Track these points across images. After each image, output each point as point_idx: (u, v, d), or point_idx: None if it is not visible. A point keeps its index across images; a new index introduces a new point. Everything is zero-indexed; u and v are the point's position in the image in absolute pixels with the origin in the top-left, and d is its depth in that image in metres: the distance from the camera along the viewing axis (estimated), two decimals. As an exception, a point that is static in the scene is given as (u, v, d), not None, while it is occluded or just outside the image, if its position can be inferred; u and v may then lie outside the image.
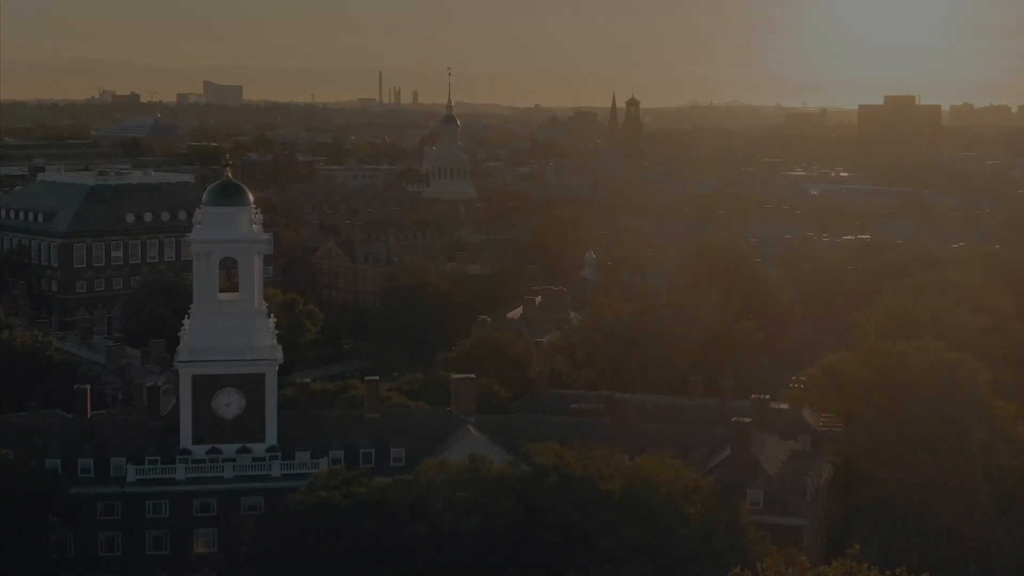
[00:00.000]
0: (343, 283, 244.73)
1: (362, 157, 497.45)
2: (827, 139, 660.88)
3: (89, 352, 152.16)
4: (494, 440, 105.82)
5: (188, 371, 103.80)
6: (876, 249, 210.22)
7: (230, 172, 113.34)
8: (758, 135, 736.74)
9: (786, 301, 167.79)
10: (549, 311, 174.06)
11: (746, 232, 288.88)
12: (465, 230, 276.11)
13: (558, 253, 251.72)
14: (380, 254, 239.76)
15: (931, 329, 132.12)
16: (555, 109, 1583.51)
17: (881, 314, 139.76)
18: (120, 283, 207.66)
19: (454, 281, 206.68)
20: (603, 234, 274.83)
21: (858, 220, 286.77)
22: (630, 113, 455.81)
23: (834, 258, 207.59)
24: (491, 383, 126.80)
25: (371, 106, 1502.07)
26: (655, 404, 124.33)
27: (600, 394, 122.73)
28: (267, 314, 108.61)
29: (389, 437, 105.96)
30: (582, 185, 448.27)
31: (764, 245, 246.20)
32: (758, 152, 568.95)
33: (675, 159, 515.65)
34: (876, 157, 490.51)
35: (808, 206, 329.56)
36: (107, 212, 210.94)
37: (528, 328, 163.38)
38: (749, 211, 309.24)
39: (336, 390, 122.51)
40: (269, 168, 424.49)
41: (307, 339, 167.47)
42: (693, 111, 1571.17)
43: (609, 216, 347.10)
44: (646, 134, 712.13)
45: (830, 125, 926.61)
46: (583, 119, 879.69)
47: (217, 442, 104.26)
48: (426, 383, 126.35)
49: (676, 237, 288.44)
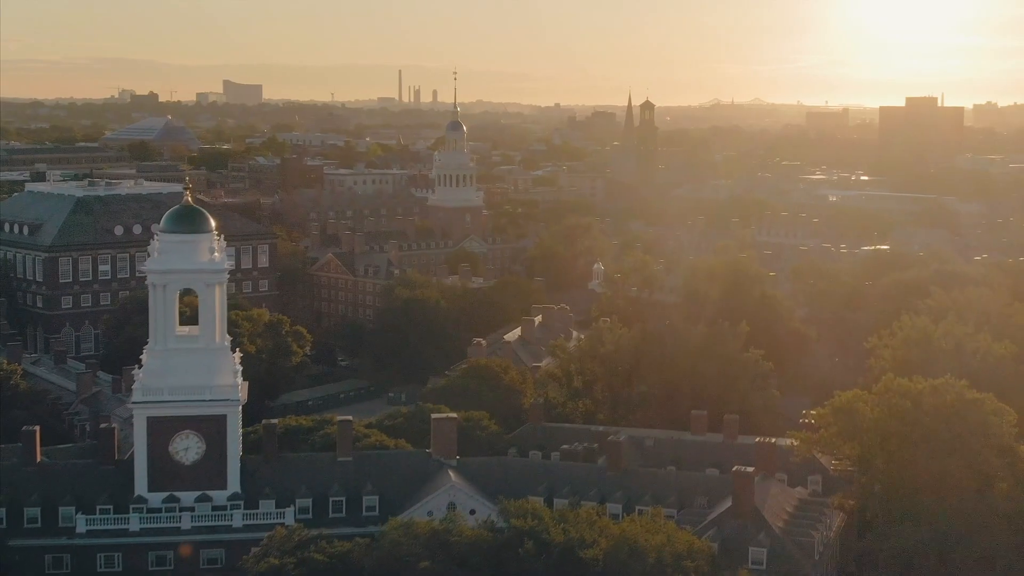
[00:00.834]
0: (342, 296, 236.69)
1: (373, 161, 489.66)
2: (848, 140, 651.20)
3: (62, 377, 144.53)
4: (475, 487, 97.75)
5: (143, 413, 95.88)
6: (895, 262, 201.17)
7: (189, 196, 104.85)
8: (778, 135, 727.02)
9: (798, 323, 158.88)
10: (549, 331, 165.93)
11: (761, 241, 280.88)
12: (471, 240, 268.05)
13: (566, 264, 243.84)
14: (380, 266, 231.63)
15: (952, 358, 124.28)
16: (575, 107, 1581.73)
17: (898, 341, 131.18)
18: (108, 298, 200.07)
19: (453, 296, 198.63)
20: (614, 243, 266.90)
21: (877, 229, 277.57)
22: (644, 117, 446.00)
23: (851, 273, 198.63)
24: (480, 416, 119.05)
25: (390, 105, 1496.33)
26: (655, 440, 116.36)
27: (595, 431, 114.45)
28: (231, 349, 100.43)
29: (362, 483, 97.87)
30: (596, 190, 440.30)
31: (779, 257, 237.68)
32: (777, 154, 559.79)
33: (692, 162, 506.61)
34: (897, 161, 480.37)
35: (826, 213, 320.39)
36: (94, 224, 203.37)
37: (526, 351, 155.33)
38: (765, 219, 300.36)
39: (311, 426, 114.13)
40: (277, 173, 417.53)
41: (293, 362, 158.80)
42: (714, 110, 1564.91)
43: (622, 223, 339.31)
44: (664, 134, 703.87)
45: (852, 125, 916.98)
46: (601, 119, 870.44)
47: (175, 489, 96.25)
48: (410, 418, 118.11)
49: (689, 247, 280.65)
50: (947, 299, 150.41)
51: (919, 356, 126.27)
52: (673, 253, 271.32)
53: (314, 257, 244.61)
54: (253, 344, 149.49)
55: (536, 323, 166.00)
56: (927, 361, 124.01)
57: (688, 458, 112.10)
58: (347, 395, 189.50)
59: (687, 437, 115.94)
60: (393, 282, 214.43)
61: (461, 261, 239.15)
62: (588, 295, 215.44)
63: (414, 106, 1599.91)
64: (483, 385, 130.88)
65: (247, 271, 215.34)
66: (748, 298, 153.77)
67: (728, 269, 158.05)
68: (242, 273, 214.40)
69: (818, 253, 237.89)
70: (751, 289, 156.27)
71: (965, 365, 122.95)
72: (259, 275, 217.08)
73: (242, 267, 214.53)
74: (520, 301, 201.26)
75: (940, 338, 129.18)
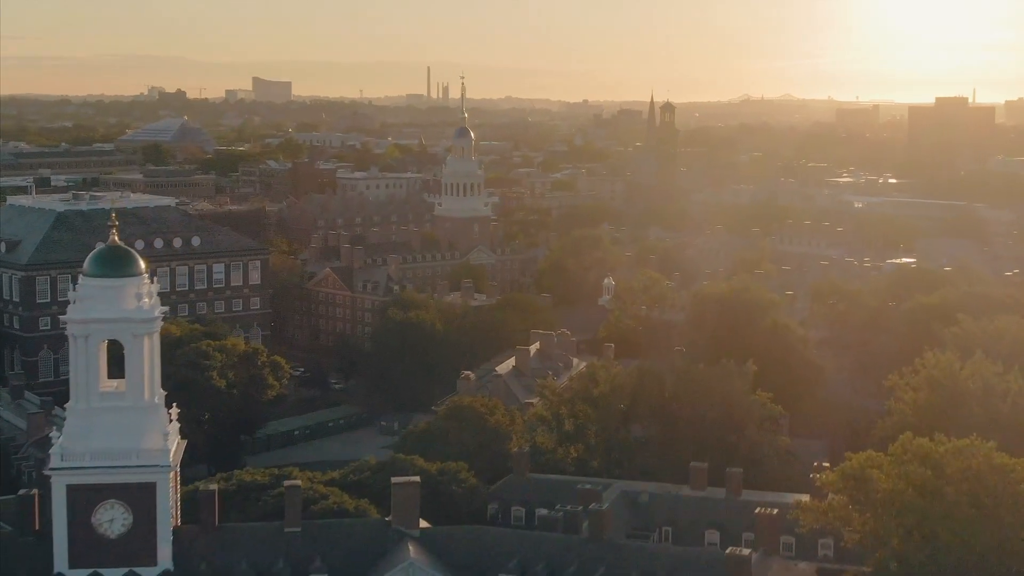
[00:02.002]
0: (340, 313, 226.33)
1: (389, 163, 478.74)
2: (877, 140, 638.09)
3: (16, 415, 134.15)
4: (438, 562, 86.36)
5: (62, 480, 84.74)
6: (920, 280, 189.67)
7: (115, 234, 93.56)
8: (806, 134, 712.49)
9: (814, 354, 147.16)
10: (548, 360, 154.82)
11: (782, 251, 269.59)
12: (479, 250, 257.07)
13: (576, 277, 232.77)
14: (379, 281, 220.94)
15: (980, 403, 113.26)
16: (603, 104, 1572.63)
17: (921, 379, 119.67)
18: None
19: (452, 317, 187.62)
20: (627, 255, 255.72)
21: (903, 240, 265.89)
22: (665, 118, 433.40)
23: (873, 293, 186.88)
24: (458, 468, 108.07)
25: (418, 102, 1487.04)
26: (651, 495, 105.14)
27: (583, 489, 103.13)
28: (165, 407, 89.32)
29: (310, 558, 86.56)
30: (615, 193, 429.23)
31: (799, 271, 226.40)
32: (804, 154, 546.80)
33: (715, 164, 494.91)
34: (926, 163, 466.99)
35: (851, 221, 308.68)
36: (75, 240, 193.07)
37: (520, 384, 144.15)
38: (787, 227, 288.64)
39: (267, 482, 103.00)
40: (288, 177, 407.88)
41: (269, 396, 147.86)
42: (743, 106, 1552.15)
43: (640, 228, 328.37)
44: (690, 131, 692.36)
45: (881, 122, 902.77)
46: (627, 117, 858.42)
47: (99, 565, 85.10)
48: (378, 472, 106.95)
49: (708, 257, 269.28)
50: (975, 328, 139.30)
51: (943, 400, 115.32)
52: (690, 263, 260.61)
53: (312, 272, 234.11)
54: (224, 378, 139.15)
55: (533, 352, 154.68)
56: (952, 405, 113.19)
57: (686, 517, 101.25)
58: (337, 423, 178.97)
59: (686, 493, 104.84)
60: (390, 300, 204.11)
61: (466, 275, 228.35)
62: (598, 312, 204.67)
63: (441, 103, 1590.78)
64: (465, 429, 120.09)
65: (237, 288, 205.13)
66: (758, 328, 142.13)
67: (737, 297, 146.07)
68: (232, 291, 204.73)
69: (840, 268, 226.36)
70: (761, 318, 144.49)
71: (994, 410, 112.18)
72: (250, 292, 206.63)
73: (232, 284, 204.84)
74: (524, 320, 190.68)
75: (967, 378, 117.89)
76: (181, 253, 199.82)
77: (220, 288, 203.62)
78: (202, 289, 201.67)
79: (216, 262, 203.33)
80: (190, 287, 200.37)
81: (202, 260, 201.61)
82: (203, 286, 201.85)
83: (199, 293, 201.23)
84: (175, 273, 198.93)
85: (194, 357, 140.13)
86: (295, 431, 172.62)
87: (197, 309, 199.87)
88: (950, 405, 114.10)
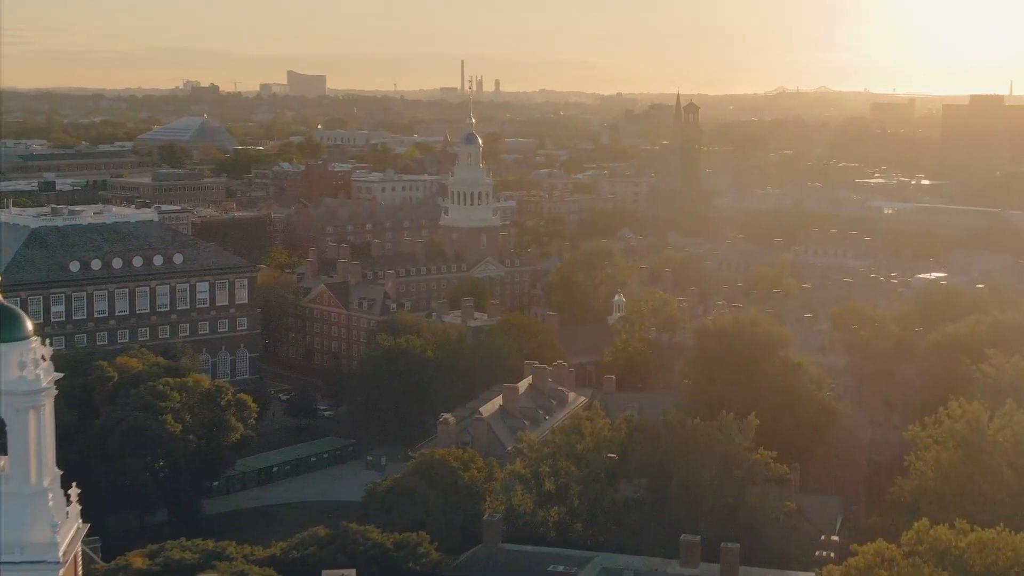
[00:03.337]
0: (335, 332, 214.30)
1: (407, 165, 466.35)
2: (911, 138, 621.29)
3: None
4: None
5: (-68, 579, 73.05)
6: (949, 302, 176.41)
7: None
8: (839, 131, 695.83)
9: (828, 397, 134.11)
10: (539, 397, 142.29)
11: (806, 262, 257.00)
12: (486, 263, 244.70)
13: (586, 293, 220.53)
14: (376, 299, 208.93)
15: (1010, 463, 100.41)
16: (637, 96, 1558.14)
17: (944, 433, 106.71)
18: (61, 342, 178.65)
19: (447, 341, 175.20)
20: (641, 268, 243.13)
21: (933, 252, 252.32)
22: (688, 119, 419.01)
23: (898, 318, 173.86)
24: (419, 540, 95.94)
25: (451, 96, 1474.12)
26: (635, 573, 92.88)
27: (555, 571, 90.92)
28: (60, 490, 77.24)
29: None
30: (638, 196, 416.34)
31: (820, 289, 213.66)
32: (836, 153, 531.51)
33: (743, 165, 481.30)
34: (960, 164, 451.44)
35: (880, 229, 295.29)
36: (48, 259, 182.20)
37: (505, 427, 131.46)
38: (812, 236, 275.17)
39: (196, 562, 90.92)
40: (301, 180, 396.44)
41: (232, 439, 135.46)
42: (778, 99, 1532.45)
43: (661, 233, 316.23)
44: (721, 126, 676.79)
45: (916, 117, 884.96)
46: (658, 112, 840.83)
47: (-20, 677, 73.42)
48: (326, 545, 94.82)
49: (727, 268, 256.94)
50: (1007, 367, 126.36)
51: (969, 460, 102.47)
52: (708, 277, 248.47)
53: (307, 287, 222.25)
54: (180, 422, 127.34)
55: (524, 387, 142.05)
56: (979, 469, 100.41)
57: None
58: (320, 458, 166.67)
59: (674, 571, 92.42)
60: (383, 321, 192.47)
61: (469, 291, 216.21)
62: (606, 332, 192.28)
63: (473, 97, 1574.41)
64: (435, 487, 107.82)
65: (223, 308, 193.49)
66: (767, 368, 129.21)
67: (743, 331, 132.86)
68: (217, 311, 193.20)
69: (865, 285, 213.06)
70: (771, 355, 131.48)
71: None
72: (237, 312, 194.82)
73: (217, 304, 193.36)
74: (526, 342, 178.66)
75: (996, 431, 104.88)
76: (162, 271, 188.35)
77: (204, 308, 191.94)
78: (184, 309, 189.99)
79: (200, 280, 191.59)
80: (171, 307, 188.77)
81: (184, 278, 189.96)
82: (185, 306, 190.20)
83: (181, 314, 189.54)
84: (155, 293, 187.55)
85: (149, 398, 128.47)
86: (274, 467, 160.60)
87: (179, 331, 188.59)
88: (976, 468, 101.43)
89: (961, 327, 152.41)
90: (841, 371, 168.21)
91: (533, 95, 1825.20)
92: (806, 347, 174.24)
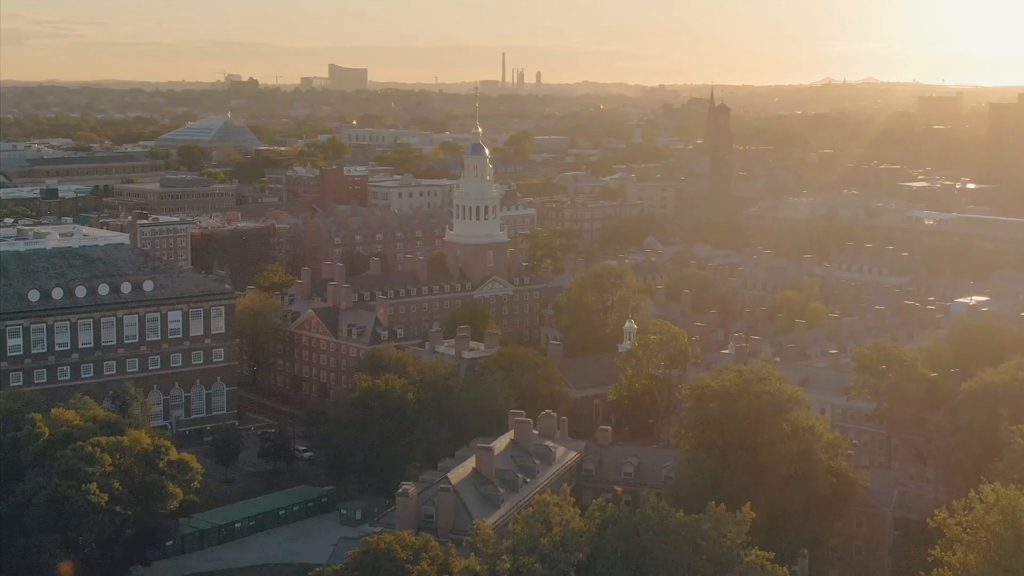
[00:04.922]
0: (324, 360, 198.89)
1: (429, 167, 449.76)
2: (958, 135, 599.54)
3: None
4: None
5: None
6: (988, 339, 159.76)
7: None
8: (884, 128, 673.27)
9: (844, 467, 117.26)
10: (520, 456, 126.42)
11: (838, 279, 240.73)
12: (492, 282, 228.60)
13: (596, 318, 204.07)
14: (367, 326, 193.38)
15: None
16: (680, 88, 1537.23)
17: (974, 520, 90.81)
18: (19, 378, 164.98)
19: (434, 379, 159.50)
20: (659, 288, 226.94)
21: (975, 272, 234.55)
22: (720, 123, 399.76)
23: (931, 356, 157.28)
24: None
25: (490, 89, 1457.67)
26: None
27: None
28: None
29: None
30: (666, 201, 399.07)
31: (848, 313, 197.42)
32: (878, 153, 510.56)
33: (780, 164, 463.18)
34: (1008, 167, 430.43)
35: (919, 243, 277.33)
36: (5, 287, 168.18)
37: (476, 496, 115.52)
38: (846, 251, 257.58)
39: None
40: (315, 185, 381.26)
41: (170, 507, 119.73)
42: (824, 90, 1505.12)
43: (686, 247, 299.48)
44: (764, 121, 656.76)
45: (964, 112, 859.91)
46: (697, 107, 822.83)
47: None
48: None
49: (751, 287, 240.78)
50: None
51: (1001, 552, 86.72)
52: (730, 299, 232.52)
53: (296, 312, 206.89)
54: (107, 491, 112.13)
55: (502, 446, 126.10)
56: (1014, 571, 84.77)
57: None
58: (290, 511, 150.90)
59: None
60: (371, 351, 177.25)
61: (469, 315, 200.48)
62: (614, 364, 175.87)
63: (513, 90, 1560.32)
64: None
65: (197, 339, 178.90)
66: (774, 435, 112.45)
67: (746, 391, 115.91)
68: (191, 341, 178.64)
69: (900, 313, 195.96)
70: (778, 418, 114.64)
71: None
72: (212, 343, 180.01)
73: (191, 334, 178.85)
74: (524, 376, 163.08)
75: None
76: (130, 300, 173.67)
77: (177, 339, 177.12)
78: (155, 340, 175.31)
79: (172, 309, 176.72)
80: (140, 338, 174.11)
81: (155, 307, 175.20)
82: (156, 337, 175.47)
83: (152, 345, 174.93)
84: (122, 323, 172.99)
85: (75, 462, 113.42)
86: (236, 523, 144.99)
87: (149, 364, 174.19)
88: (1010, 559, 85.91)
89: (1001, 375, 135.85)
90: (867, 417, 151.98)
91: (576, 87, 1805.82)
92: (828, 389, 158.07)
